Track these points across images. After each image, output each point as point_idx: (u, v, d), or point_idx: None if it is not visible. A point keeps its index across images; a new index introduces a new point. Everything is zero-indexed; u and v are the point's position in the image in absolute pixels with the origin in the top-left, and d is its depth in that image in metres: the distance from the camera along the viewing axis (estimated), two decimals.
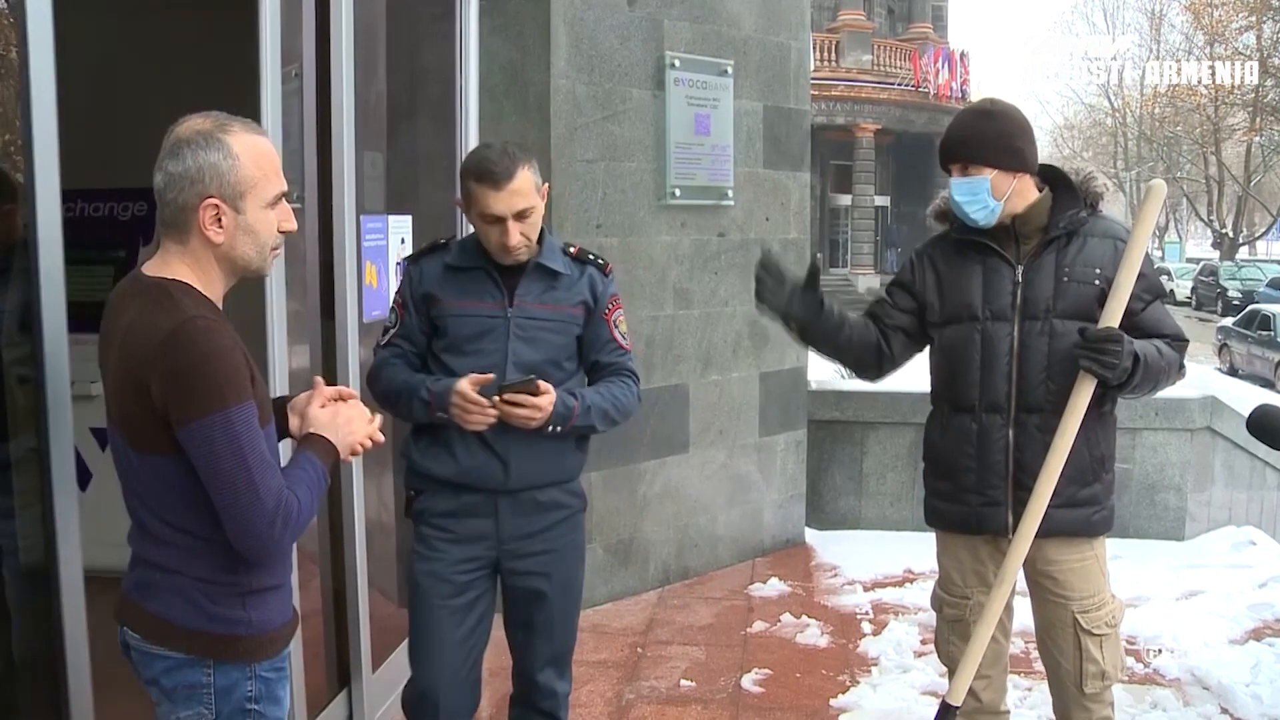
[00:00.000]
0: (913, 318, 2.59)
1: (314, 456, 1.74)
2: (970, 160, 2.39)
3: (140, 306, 1.61)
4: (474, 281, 2.44)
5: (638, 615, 4.43)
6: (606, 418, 2.47)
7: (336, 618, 3.26)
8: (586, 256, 2.52)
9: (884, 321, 2.61)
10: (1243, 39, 29.38)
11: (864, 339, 2.59)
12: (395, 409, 2.46)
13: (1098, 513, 2.46)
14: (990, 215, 2.41)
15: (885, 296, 2.65)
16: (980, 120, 2.43)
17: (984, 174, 2.38)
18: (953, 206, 2.46)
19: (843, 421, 5.67)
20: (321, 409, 1.81)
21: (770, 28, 4.99)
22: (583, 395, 2.43)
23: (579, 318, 2.48)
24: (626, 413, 2.53)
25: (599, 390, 2.47)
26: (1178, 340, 2.42)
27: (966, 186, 2.40)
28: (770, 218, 5.05)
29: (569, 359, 2.49)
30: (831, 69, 28.21)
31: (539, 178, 2.39)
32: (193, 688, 1.67)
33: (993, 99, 2.55)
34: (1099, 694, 2.50)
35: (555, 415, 2.35)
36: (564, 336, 2.46)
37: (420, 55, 4.24)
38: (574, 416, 2.39)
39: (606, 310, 2.51)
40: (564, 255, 2.49)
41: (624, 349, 2.55)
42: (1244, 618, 4.27)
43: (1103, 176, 2.55)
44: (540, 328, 2.43)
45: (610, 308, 2.52)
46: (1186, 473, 5.43)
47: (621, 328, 2.55)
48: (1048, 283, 2.41)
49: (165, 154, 1.63)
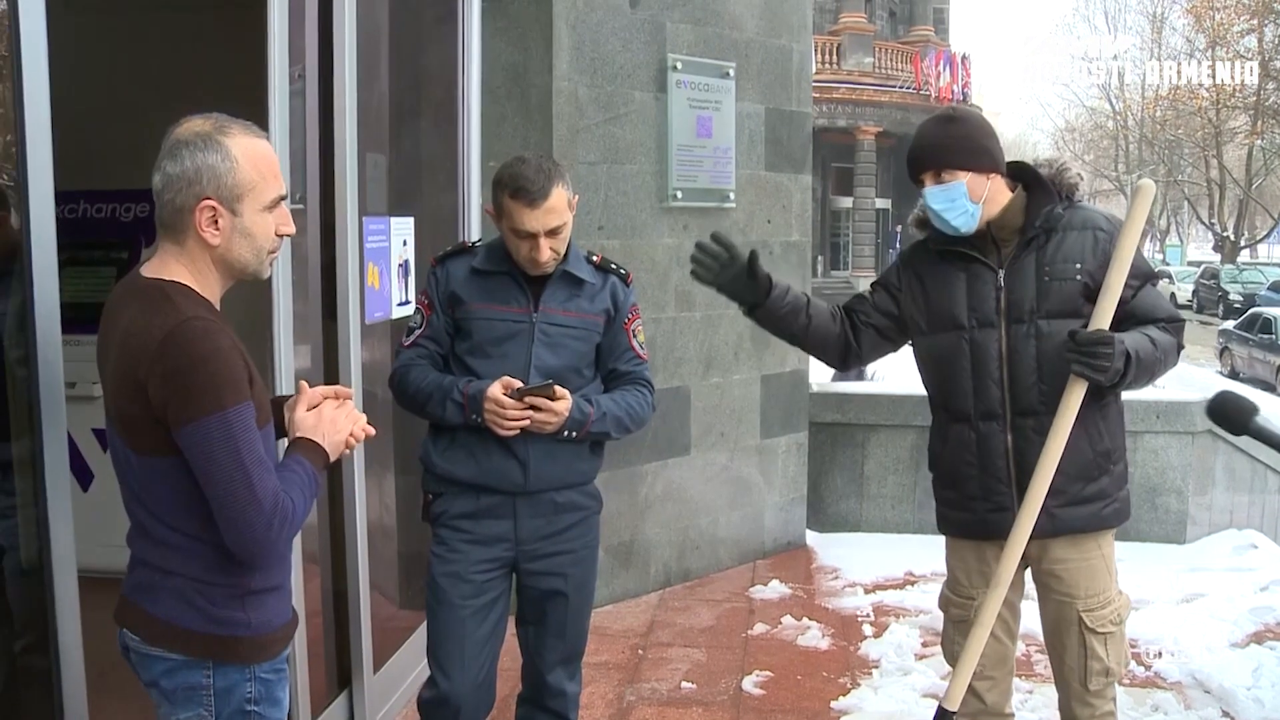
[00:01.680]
0: (890, 322, 2.59)
1: (303, 459, 1.73)
2: (942, 166, 2.37)
3: (138, 308, 1.61)
4: (500, 286, 2.45)
5: (639, 617, 4.43)
6: (621, 425, 2.49)
7: (337, 618, 3.26)
8: (609, 266, 2.55)
9: (858, 317, 2.61)
10: (1244, 42, 29.38)
11: (825, 330, 2.58)
12: (423, 410, 2.47)
13: (1107, 506, 2.45)
14: (970, 220, 2.39)
15: (867, 294, 2.65)
16: (945, 126, 2.43)
17: (958, 178, 2.36)
18: (931, 217, 2.44)
19: (844, 424, 5.67)
20: (306, 412, 1.79)
21: (772, 30, 5.00)
22: (598, 402, 2.45)
23: (600, 326, 2.50)
24: (640, 421, 2.56)
25: (614, 398, 2.50)
26: (1173, 321, 2.40)
27: (943, 194, 2.38)
28: (772, 220, 5.05)
29: (588, 366, 2.51)
30: (833, 71, 28.22)
31: (571, 191, 2.42)
32: (192, 689, 1.67)
33: (952, 106, 2.55)
34: (1102, 690, 2.50)
35: (571, 421, 2.37)
36: (585, 344, 2.49)
37: (423, 57, 4.24)
38: (589, 422, 2.42)
39: (627, 319, 2.54)
40: (588, 264, 2.52)
41: (641, 358, 2.57)
42: (1245, 621, 4.27)
43: (1076, 166, 2.53)
44: (564, 334, 2.45)
45: (630, 317, 2.55)
46: (1188, 476, 5.43)
47: (640, 337, 2.58)
48: (1030, 284, 2.39)
49: (164, 155, 1.63)
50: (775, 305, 2.53)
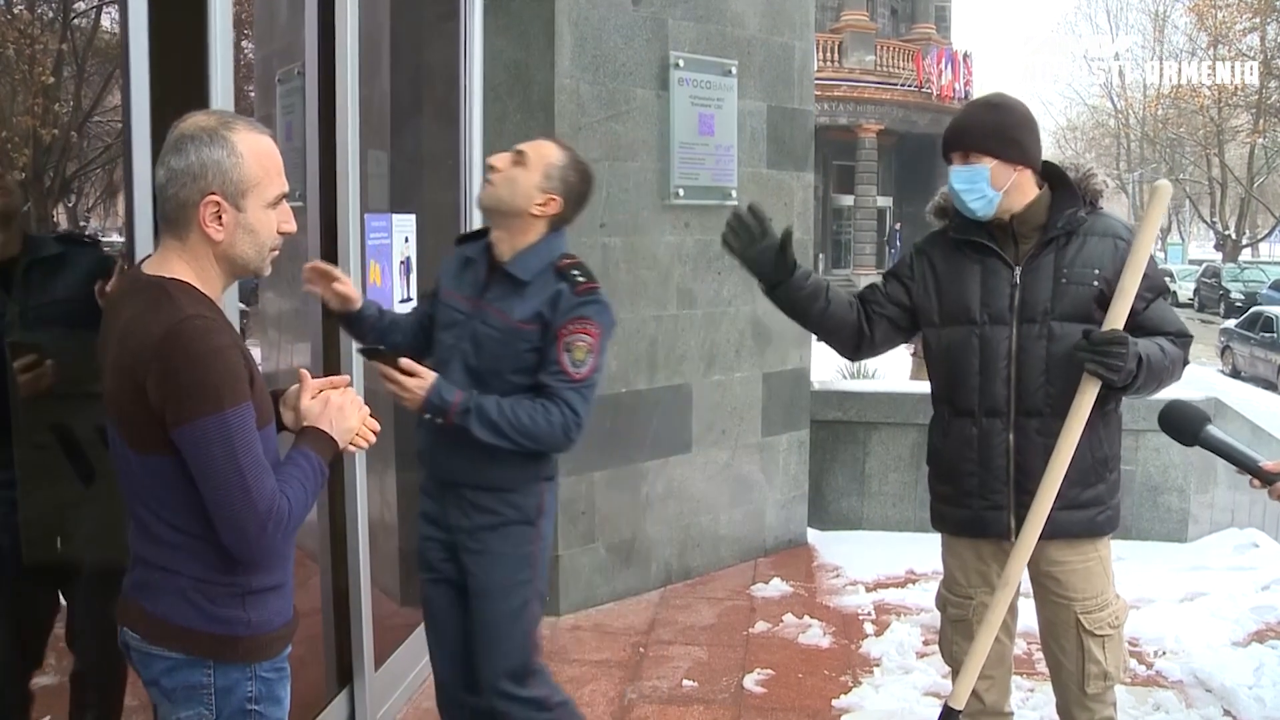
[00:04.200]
0: (902, 311, 2.59)
1: (309, 450, 1.72)
2: (971, 148, 2.39)
3: (138, 305, 1.60)
4: (470, 274, 2.47)
5: (640, 615, 4.43)
6: (496, 430, 2.30)
7: (338, 616, 3.26)
8: (568, 272, 2.39)
9: (872, 307, 2.61)
10: (1246, 40, 29.35)
11: (843, 316, 2.58)
12: None
13: (1102, 513, 2.46)
14: (988, 206, 2.40)
15: (880, 284, 2.65)
16: (984, 111, 2.45)
17: (984, 163, 2.38)
18: (951, 196, 2.46)
19: (845, 422, 5.67)
20: (311, 400, 1.78)
21: (774, 28, 4.99)
22: (476, 398, 2.31)
23: (528, 333, 2.35)
24: (531, 436, 2.32)
25: (504, 403, 2.32)
26: (1181, 336, 2.41)
27: (966, 174, 2.40)
28: (774, 218, 4.99)
29: (517, 372, 2.37)
30: (834, 69, 28.18)
31: (549, 180, 2.41)
32: (193, 688, 1.66)
33: (1001, 93, 2.56)
34: (1101, 694, 2.49)
35: (429, 403, 2.29)
36: (506, 348, 2.36)
37: (424, 54, 4.24)
38: (451, 411, 2.29)
39: (562, 329, 2.34)
40: (544, 265, 2.39)
41: (567, 374, 2.33)
42: (1247, 620, 4.27)
43: (1102, 174, 2.55)
44: (487, 334, 2.38)
45: (569, 329, 2.34)
46: (1189, 474, 5.42)
47: (575, 353, 2.34)
48: (1046, 285, 2.40)
49: (168, 149, 1.62)
50: (797, 285, 2.53)
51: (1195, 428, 2.17)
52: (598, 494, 4.44)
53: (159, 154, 1.64)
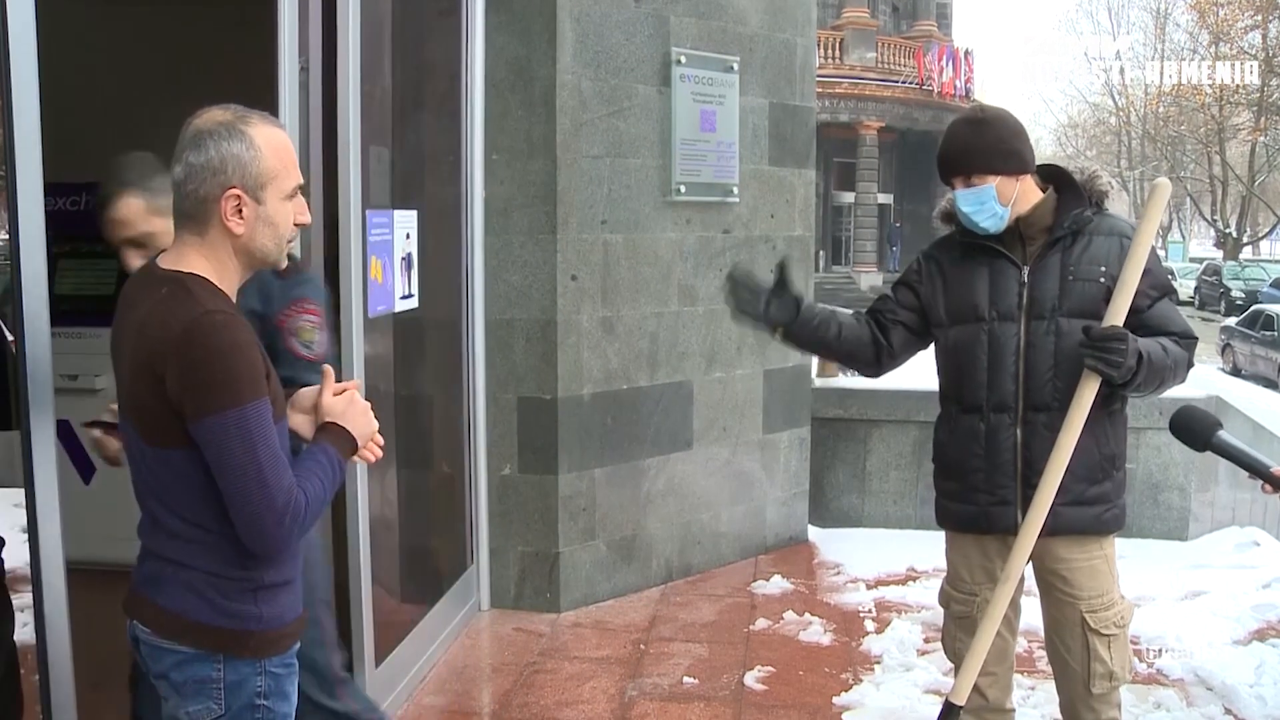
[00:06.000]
0: (916, 315, 2.60)
1: (329, 446, 1.73)
2: (972, 171, 2.40)
3: (156, 299, 1.60)
4: None
5: (640, 612, 4.43)
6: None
7: (339, 612, 3.26)
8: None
9: (885, 317, 2.62)
10: (1248, 38, 29.31)
11: (856, 336, 2.60)
12: None
13: (1108, 511, 2.46)
14: (999, 221, 2.42)
15: (890, 294, 2.66)
16: (974, 129, 2.44)
17: (988, 182, 2.39)
18: (961, 219, 2.47)
19: (846, 419, 5.66)
20: (335, 398, 1.78)
21: (776, 24, 4.98)
22: None
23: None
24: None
25: None
26: (1186, 338, 2.41)
27: (973, 197, 2.40)
28: (775, 215, 5.04)
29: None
30: (835, 66, 28.15)
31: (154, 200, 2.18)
32: (202, 683, 1.67)
33: (981, 106, 2.58)
34: (1106, 695, 2.49)
35: None
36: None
37: (426, 50, 4.23)
38: None
39: (280, 317, 2.15)
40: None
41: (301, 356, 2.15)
42: (1248, 618, 4.26)
43: (1107, 175, 2.56)
44: None
45: (287, 314, 2.15)
46: (1190, 473, 5.42)
47: (304, 336, 2.15)
48: (1053, 282, 2.41)
49: (185, 145, 1.62)
50: (807, 319, 2.55)
51: (1207, 433, 2.18)
52: (598, 491, 4.44)
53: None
